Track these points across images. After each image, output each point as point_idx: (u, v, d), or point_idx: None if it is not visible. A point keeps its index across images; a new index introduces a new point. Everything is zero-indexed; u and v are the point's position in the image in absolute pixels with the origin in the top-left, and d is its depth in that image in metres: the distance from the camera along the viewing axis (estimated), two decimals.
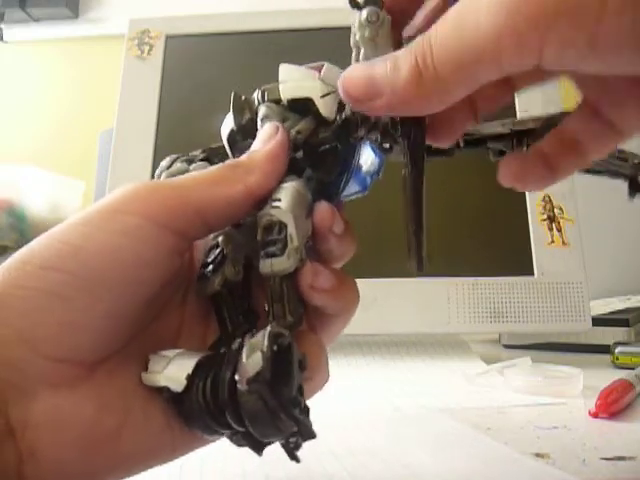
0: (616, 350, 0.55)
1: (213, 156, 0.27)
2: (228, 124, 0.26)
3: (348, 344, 0.60)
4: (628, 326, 0.65)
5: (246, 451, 0.22)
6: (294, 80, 0.24)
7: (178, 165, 0.27)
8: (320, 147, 0.24)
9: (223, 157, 0.26)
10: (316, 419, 0.20)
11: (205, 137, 0.27)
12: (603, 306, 0.72)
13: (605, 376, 0.43)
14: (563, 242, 0.59)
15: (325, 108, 0.24)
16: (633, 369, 0.46)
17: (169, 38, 0.71)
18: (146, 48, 0.70)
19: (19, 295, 0.19)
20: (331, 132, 0.24)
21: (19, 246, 0.21)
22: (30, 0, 1.23)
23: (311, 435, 0.20)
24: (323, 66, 0.24)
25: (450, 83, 0.19)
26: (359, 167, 0.25)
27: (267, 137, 0.23)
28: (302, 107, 0.24)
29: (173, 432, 0.21)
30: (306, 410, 0.20)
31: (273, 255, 0.22)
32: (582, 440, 0.34)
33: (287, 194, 0.23)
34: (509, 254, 0.61)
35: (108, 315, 0.20)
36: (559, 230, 0.60)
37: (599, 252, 0.79)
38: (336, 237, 0.23)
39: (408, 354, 0.58)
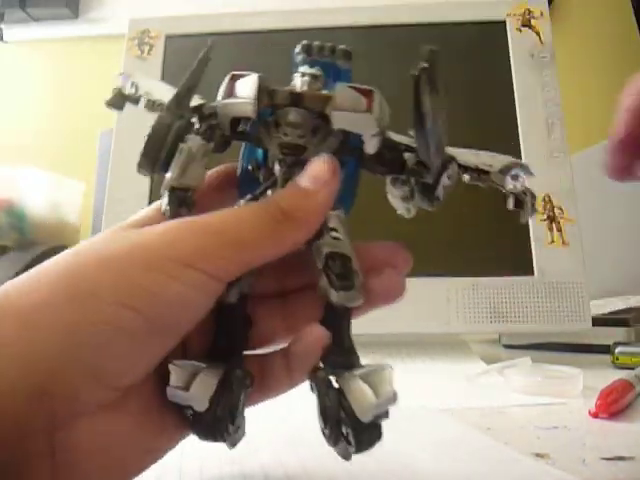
0: (616, 350, 0.55)
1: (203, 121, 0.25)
2: (242, 108, 0.24)
3: None
4: (628, 326, 0.65)
5: (246, 452, 0.22)
6: (348, 108, 0.23)
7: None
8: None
9: (212, 129, 0.25)
10: (316, 420, 0.20)
11: None
12: (603, 306, 0.72)
13: (605, 376, 0.43)
14: (563, 242, 0.59)
15: (370, 147, 0.24)
16: (633, 369, 0.46)
17: (169, 38, 0.71)
18: (146, 48, 0.70)
19: (92, 332, 0.19)
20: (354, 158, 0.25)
21: (19, 246, 0.21)
22: (30, 0, 1.23)
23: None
24: (373, 94, 0.23)
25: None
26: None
27: (321, 179, 0.23)
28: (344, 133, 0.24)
29: (167, 434, 0.23)
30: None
31: (346, 288, 0.23)
32: (582, 440, 0.34)
33: (339, 223, 0.24)
34: (509, 254, 0.61)
35: (166, 352, 0.21)
36: (559, 230, 0.60)
37: (599, 252, 0.79)
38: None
39: (408, 354, 0.58)
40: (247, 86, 0.24)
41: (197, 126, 0.25)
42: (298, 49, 0.26)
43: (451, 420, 0.39)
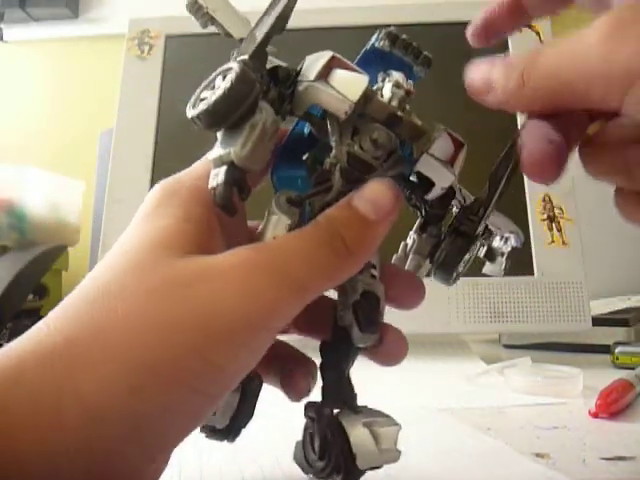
0: (616, 350, 0.55)
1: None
2: (335, 105, 0.21)
3: None
4: (628, 326, 0.65)
5: (246, 452, 0.22)
6: (439, 157, 0.22)
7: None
8: None
9: (282, 99, 0.22)
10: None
11: (205, 137, 0.27)
12: (603, 306, 0.72)
13: (605, 376, 0.43)
14: (563, 242, 0.59)
15: (433, 195, 0.23)
16: (633, 369, 0.46)
17: (169, 38, 0.71)
18: (146, 48, 0.70)
19: (157, 419, 0.18)
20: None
21: (19, 246, 0.20)
22: (30, 0, 1.23)
23: None
24: (462, 149, 0.23)
25: (538, 97, 0.22)
26: None
27: (384, 208, 0.21)
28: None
29: None
30: None
31: (371, 332, 0.24)
32: (582, 440, 0.34)
33: (378, 260, 0.24)
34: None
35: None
36: (559, 230, 0.60)
37: (599, 252, 0.78)
38: None
39: (408, 354, 0.58)
40: (351, 83, 0.21)
41: (267, 89, 0.22)
42: (382, 34, 0.24)
43: (451, 420, 0.39)
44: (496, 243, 0.26)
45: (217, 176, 0.20)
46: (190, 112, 0.20)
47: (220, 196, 0.20)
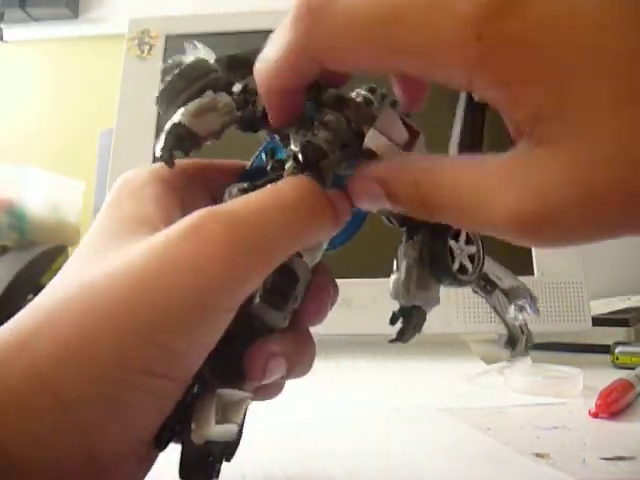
0: (616, 350, 0.55)
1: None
2: None
3: (347, 344, 0.60)
4: (628, 326, 0.65)
5: (246, 452, 0.22)
6: (387, 134, 0.22)
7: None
8: None
9: (247, 102, 0.23)
10: (316, 420, 0.20)
11: None
12: (603, 306, 0.72)
13: (605, 376, 0.43)
14: None
15: None
16: (633, 369, 0.46)
17: (169, 38, 0.71)
18: (146, 48, 0.70)
19: (128, 401, 0.18)
20: None
21: (19, 246, 0.20)
22: (30, 0, 1.23)
23: None
24: (418, 135, 0.22)
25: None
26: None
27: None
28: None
29: None
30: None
31: (274, 306, 0.21)
32: (582, 440, 0.34)
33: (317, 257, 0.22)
34: (509, 254, 0.61)
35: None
36: None
37: (599, 252, 0.78)
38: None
39: (408, 354, 0.58)
40: None
41: (235, 90, 0.23)
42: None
43: (451, 420, 0.39)
44: (511, 315, 0.25)
45: (160, 140, 0.22)
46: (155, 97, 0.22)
47: (160, 146, 0.21)
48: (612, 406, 0.38)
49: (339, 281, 0.25)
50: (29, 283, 0.74)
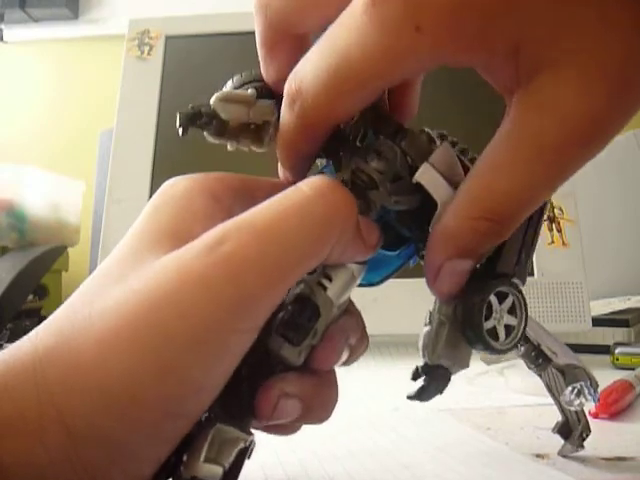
0: (616, 351, 0.55)
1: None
2: None
3: None
4: (628, 326, 0.65)
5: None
6: (441, 170, 0.21)
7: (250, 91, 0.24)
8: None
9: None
10: None
11: (205, 138, 0.27)
12: (603, 306, 0.72)
13: (605, 376, 0.43)
14: (563, 242, 0.59)
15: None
16: (633, 370, 0.46)
17: (169, 38, 0.70)
18: (146, 48, 0.70)
19: (133, 444, 0.17)
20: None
21: (19, 246, 0.20)
22: (30, 0, 1.23)
23: None
24: None
25: None
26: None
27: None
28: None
29: None
30: None
31: (288, 340, 0.20)
32: None
33: (344, 278, 0.21)
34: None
35: None
36: (559, 230, 0.60)
37: (599, 252, 0.78)
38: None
39: (408, 354, 0.58)
40: None
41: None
42: None
43: (451, 420, 0.39)
44: (567, 398, 0.24)
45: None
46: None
47: (181, 117, 0.22)
48: (612, 407, 0.38)
49: None
50: (29, 283, 0.74)
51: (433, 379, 0.23)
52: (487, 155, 0.20)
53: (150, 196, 0.22)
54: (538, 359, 0.24)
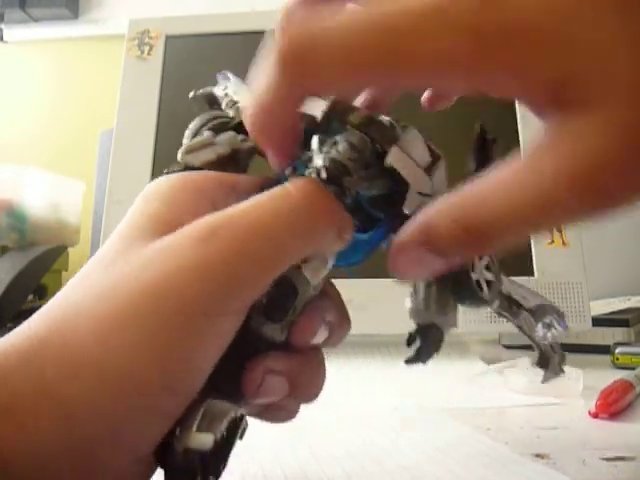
0: (616, 350, 0.55)
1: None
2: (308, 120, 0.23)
3: (347, 344, 0.60)
4: (628, 326, 0.65)
5: (245, 452, 0.22)
6: (410, 153, 0.22)
7: (205, 134, 0.26)
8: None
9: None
10: (315, 420, 0.20)
11: None
12: (603, 306, 0.72)
13: (605, 376, 0.43)
14: (563, 242, 0.59)
15: (410, 205, 0.22)
16: (633, 369, 0.46)
17: (169, 38, 0.70)
18: (146, 48, 0.70)
19: (134, 417, 0.18)
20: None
21: (19, 246, 0.20)
22: (30, 0, 1.23)
23: None
24: (439, 160, 0.23)
25: None
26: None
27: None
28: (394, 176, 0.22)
29: None
30: None
31: (270, 318, 0.21)
32: (582, 440, 0.34)
33: (320, 264, 0.22)
34: (509, 254, 0.61)
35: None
36: (559, 230, 0.60)
37: (599, 252, 0.78)
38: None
39: (408, 354, 0.58)
40: (318, 104, 0.23)
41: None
42: None
43: (451, 420, 0.39)
44: (539, 334, 0.25)
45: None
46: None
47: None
48: (612, 406, 0.38)
49: (339, 281, 0.25)
50: (29, 283, 0.74)
51: (428, 339, 0.24)
52: (500, 169, 0.19)
53: None
54: (511, 307, 0.25)
